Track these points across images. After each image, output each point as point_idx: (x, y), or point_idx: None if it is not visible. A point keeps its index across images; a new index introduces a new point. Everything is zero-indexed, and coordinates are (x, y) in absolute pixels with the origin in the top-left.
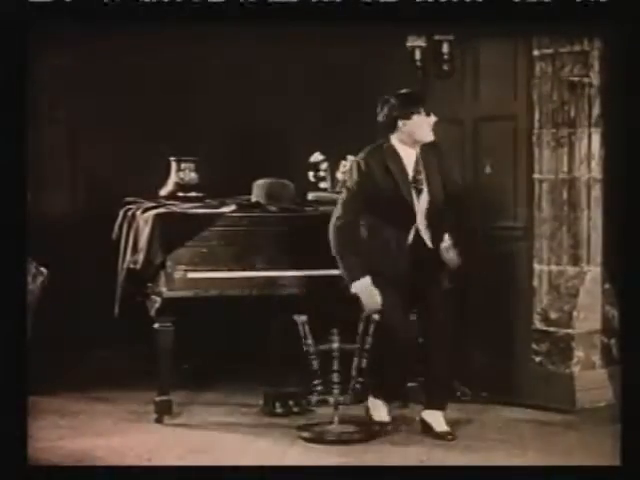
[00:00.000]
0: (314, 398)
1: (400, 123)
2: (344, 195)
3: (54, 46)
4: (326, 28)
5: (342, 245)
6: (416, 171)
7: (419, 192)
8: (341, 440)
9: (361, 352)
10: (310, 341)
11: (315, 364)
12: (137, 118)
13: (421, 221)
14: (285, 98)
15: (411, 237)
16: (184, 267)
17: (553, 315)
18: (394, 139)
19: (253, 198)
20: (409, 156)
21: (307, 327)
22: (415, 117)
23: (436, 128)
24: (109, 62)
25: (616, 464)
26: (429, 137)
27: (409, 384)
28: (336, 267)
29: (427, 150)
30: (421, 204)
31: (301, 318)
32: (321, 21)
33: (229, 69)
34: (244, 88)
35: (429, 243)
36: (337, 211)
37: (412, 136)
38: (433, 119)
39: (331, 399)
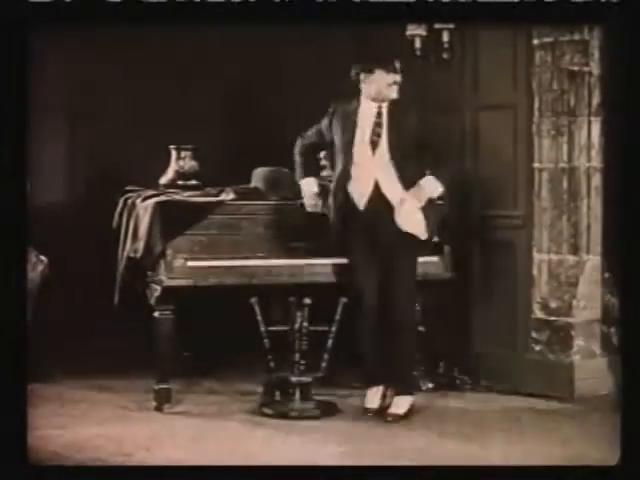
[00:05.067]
0: (274, 376)
1: (362, 76)
2: (315, 126)
3: (54, 46)
4: (325, 19)
5: (297, 154)
6: (375, 125)
7: (375, 146)
8: (302, 416)
9: (330, 333)
10: (261, 321)
11: (267, 343)
12: (137, 107)
13: (381, 176)
14: (285, 86)
15: (368, 192)
16: (184, 255)
17: (553, 304)
18: (362, 93)
19: (252, 186)
20: (371, 110)
21: (258, 308)
22: (377, 72)
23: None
24: (108, 51)
25: (615, 453)
26: (390, 93)
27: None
28: (334, 256)
29: (394, 107)
30: (376, 158)
31: (253, 299)
32: (318, 11)
33: (228, 57)
34: (244, 76)
35: (392, 201)
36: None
37: (373, 91)
38: (396, 77)
39: (293, 378)
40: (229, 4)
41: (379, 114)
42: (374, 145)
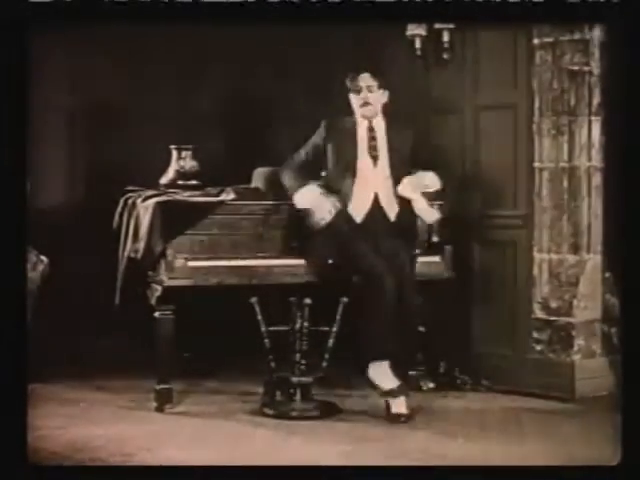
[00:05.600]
0: (275, 376)
1: (350, 96)
2: (305, 147)
3: (54, 46)
4: (325, 19)
5: (285, 170)
6: (370, 140)
7: (375, 160)
8: (303, 417)
9: (331, 333)
10: (262, 321)
11: (267, 343)
12: (137, 107)
13: (381, 190)
14: (286, 86)
15: (368, 206)
16: (184, 255)
17: (553, 304)
18: (355, 111)
19: (253, 186)
20: (363, 126)
21: (259, 307)
22: (350, 94)
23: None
24: (108, 51)
25: (616, 453)
26: (365, 112)
27: (410, 372)
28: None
29: (389, 121)
30: (378, 171)
31: (253, 299)
32: (319, 11)
33: (228, 57)
34: (244, 76)
35: (390, 215)
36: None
37: (355, 110)
38: (366, 96)
39: (294, 378)
40: (229, 4)
41: (371, 129)
42: (374, 159)
